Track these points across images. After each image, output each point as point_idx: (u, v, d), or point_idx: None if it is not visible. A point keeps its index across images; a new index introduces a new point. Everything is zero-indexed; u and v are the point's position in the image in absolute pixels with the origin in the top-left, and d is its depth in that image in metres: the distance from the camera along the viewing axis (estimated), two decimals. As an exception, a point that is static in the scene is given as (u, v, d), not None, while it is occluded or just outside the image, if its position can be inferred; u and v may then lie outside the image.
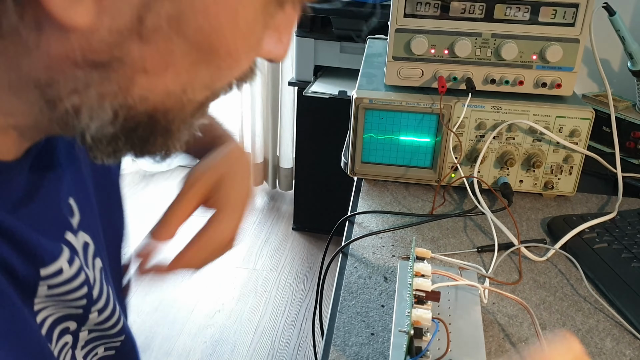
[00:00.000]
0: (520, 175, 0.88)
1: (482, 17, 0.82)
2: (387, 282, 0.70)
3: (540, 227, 0.83)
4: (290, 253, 2.32)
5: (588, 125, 0.83)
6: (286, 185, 2.67)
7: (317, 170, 2.27)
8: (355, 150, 0.88)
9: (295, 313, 2.02)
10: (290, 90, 2.42)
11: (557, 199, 0.90)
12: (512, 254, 0.75)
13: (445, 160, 0.87)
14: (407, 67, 0.86)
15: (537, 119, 0.84)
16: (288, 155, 2.59)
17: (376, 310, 0.65)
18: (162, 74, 0.32)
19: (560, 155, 0.86)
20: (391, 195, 0.89)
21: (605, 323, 0.65)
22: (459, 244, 0.78)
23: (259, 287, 2.13)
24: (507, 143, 0.86)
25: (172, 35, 0.30)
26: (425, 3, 0.82)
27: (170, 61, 0.31)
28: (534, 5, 0.81)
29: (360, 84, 0.90)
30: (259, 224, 2.50)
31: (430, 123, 0.86)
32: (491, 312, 0.65)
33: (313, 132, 2.21)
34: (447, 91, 0.84)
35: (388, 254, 0.75)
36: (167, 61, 0.31)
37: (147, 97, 0.33)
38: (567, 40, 0.82)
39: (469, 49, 0.83)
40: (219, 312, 1.99)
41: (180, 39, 0.31)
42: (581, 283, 0.71)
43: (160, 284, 0.55)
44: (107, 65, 0.30)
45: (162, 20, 0.29)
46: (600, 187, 0.93)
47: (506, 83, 0.85)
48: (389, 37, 0.85)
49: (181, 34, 0.30)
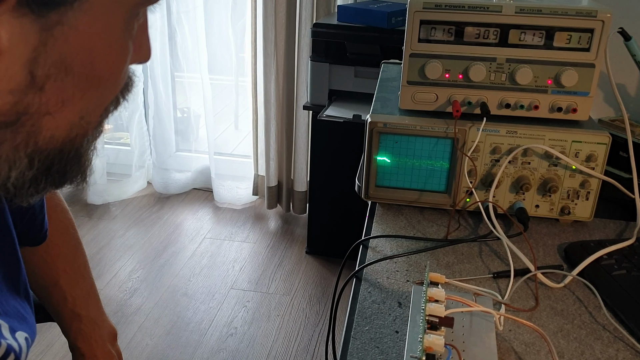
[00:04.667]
0: (536, 200, 0.87)
1: (496, 42, 0.82)
2: (402, 308, 0.69)
3: (557, 252, 0.81)
4: (304, 277, 2.31)
5: (605, 150, 0.83)
6: (300, 209, 2.67)
7: (331, 194, 2.27)
8: (369, 174, 0.88)
9: (308, 338, 2.00)
10: (305, 114, 2.43)
11: (574, 224, 0.89)
12: (529, 280, 0.74)
13: (460, 184, 0.87)
14: (421, 91, 0.87)
15: (553, 143, 0.83)
16: (302, 178, 2.59)
17: (390, 336, 0.64)
18: (61, 111, 0.35)
19: (576, 180, 0.85)
20: (405, 219, 0.89)
21: (625, 352, 0.63)
22: (474, 269, 0.77)
23: (272, 311, 2.11)
24: (522, 167, 0.85)
25: (62, 76, 0.34)
26: (439, 28, 0.83)
27: (66, 97, 0.35)
28: (548, 31, 0.81)
29: (374, 108, 0.91)
30: (273, 247, 2.50)
31: (445, 147, 0.86)
32: (507, 339, 0.64)
33: (327, 156, 2.22)
34: (461, 115, 0.84)
35: (402, 279, 0.75)
36: (63, 98, 0.35)
37: (54, 135, 0.36)
38: (583, 65, 0.82)
39: (483, 74, 0.84)
40: (231, 336, 1.98)
41: (69, 77, 0.34)
42: (600, 311, 0.69)
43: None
44: (16, 121, 0.34)
45: (50, 67, 0.33)
46: (618, 212, 0.92)
47: (521, 107, 0.85)
48: (404, 61, 0.86)
49: (69, 72, 0.34)
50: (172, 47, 2.70)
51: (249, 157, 2.79)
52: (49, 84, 0.34)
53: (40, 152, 0.36)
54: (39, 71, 0.33)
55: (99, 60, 0.35)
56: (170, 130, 2.83)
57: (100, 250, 2.41)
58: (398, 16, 1.94)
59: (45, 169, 0.38)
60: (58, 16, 0.32)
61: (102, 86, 0.37)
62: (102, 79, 0.37)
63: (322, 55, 2.05)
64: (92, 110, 0.38)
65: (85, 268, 0.83)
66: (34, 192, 0.39)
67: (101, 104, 0.39)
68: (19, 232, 0.66)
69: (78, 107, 0.36)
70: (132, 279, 2.24)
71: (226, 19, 2.83)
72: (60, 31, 0.32)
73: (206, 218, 2.70)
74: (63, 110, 0.35)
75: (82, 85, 0.35)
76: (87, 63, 0.35)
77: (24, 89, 0.33)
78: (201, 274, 2.29)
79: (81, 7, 0.32)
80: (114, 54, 0.37)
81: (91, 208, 2.72)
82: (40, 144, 0.36)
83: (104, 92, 0.38)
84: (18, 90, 0.33)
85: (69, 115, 0.36)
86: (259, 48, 2.44)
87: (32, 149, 0.36)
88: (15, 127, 0.34)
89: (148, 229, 2.58)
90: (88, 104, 0.37)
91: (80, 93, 0.36)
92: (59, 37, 0.32)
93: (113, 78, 0.38)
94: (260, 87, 2.52)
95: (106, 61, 0.36)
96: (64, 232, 0.82)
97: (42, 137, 0.36)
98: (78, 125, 0.37)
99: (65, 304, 0.80)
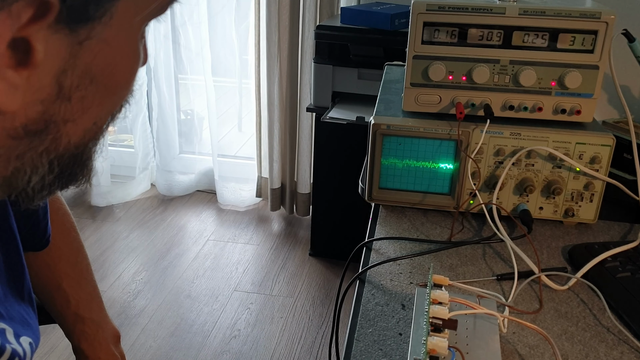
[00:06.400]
0: (540, 202, 0.87)
1: (500, 44, 0.82)
2: (405, 310, 0.69)
3: (561, 255, 0.81)
4: (307, 279, 2.31)
5: (609, 152, 0.82)
6: (303, 211, 2.67)
7: (335, 196, 2.27)
8: (372, 176, 0.88)
9: (311, 340, 2.00)
10: (308, 116, 2.43)
11: (578, 226, 0.88)
12: (533, 282, 0.74)
13: (463, 186, 0.87)
14: (424, 93, 0.86)
15: (557, 145, 0.83)
16: (306, 180, 2.59)
17: (393, 338, 0.64)
18: (81, 118, 0.37)
19: (580, 182, 0.85)
20: (409, 221, 0.89)
21: (630, 355, 0.63)
22: (478, 271, 0.77)
23: (275, 313, 2.11)
24: (526, 169, 0.85)
25: (86, 86, 0.35)
26: (443, 30, 0.83)
27: (87, 105, 0.36)
28: (552, 32, 0.81)
29: (377, 110, 0.90)
30: (276, 249, 2.50)
31: (448, 149, 0.85)
32: (511, 342, 0.64)
33: (331, 158, 2.22)
34: (465, 117, 0.84)
35: (406, 281, 0.74)
36: (85, 106, 0.36)
37: (71, 140, 0.38)
38: (587, 67, 0.82)
39: (487, 76, 0.83)
40: (234, 338, 1.98)
41: (92, 86, 0.36)
42: (604, 313, 0.69)
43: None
44: (44, 129, 0.35)
45: (77, 78, 0.34)
46: (622, 214, 0.91)
47: (525, 109, 0.85)
48: (407, 63, 0.86)
49: (93, 81, 0.35)
50: (176, 50, 2.71)
51: (252, 159, 2.79)
52: (75, 94, 0.35)
53: (60, 157, 0.38)
54: (67, 82, 0.34)
55: (118, 69, 0.37)
56: (174, 132, 2.84)
57: (104, 252, 2.42)
58: (401, 18, 1.94)
59: (60, 172, 0.39)
60: (88, 31, 0.33)
61: (117, 93, 0.39)
62: (119, 86, 0.38)
63: (326, 57, 2.05)
64: (104, 116, 0.40)
65: (87, 270, 0.83)
66: (47, 194, 0.40)
67: (113, 110, 0.41)
68: (22, 237, 0.66)
69: (95, 114, 0.38)
70: (135, 280, 2.24)
71: (230, 21, 2.83)
72: (89, 44, 0.34)
73: (209, 220, 2.70)
74: (83, 117, 0.37)
75: (102, 93, 0.37)
76: (108, 73, 0.36)
77: (53, 98, 0.34)
78: (204, 276, 2.29)
79: (107, 21, 0.34)
80: (131, 62, 0.38)
81: (95, 210, 2.73)
82: (60, 149, 0.37)
83: (118, 98, 0.40)
84: (47, 100, 0.34)
85: (86, 121, 0.38)
86: (262, 50, 2.44)
87: (54, 155, 0.37)
88: (43, 134, 0.36)
89: (152, 231, 2.58)
90: (102, 111, 0.39)
91: (99, 100, 0.37)
92: (87, 50, 0.34)
93: (128, 85, 0.40)
94: (263, 89, 2.52)
95: (124, 70, 0.38)
96: (66, 235, 0.82)
97: (62, 142, 0.37)
98: (91, 130, 0.39)
99: (68, 307, 0.80)
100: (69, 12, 0.31)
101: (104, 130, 0.42)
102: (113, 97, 0.39)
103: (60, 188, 0.42)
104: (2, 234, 0.62)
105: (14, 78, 0.31)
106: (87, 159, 0.41)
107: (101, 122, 0.40)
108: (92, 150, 0.41)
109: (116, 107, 0.41)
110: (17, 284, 0.63)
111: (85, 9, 0.32)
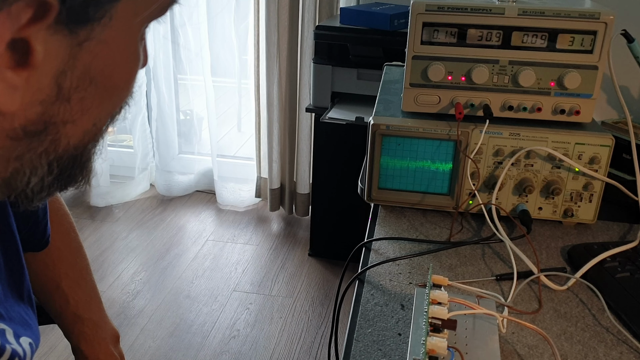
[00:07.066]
0: (539, 203, 0.87)
1: (499, 44, 0.82)
2: (404, 310, 0.69)
3: (560, 255, 0.81)
4: (307, 279, 2.31)
5: (608, 152, 0.83)
6: (303, 211, 2.67)
7: (334, 196, 2.27)
8: (372, 177, 0.88)
9: (310, 340, 2.00)
10: (308, 117, 2.43)
11: (577, 226, 0.88)
12: (532, 282, 0.74)
13: (462, 186, 0.87)
14: (424, 93, 0.87)
15: (556, 145, 0.83)
16: (305, 181, 2.59)
17: (393, 338, 0.64)
18: (81, 119, 0.37)
19: (580, 183, 0.85)
20: (408, 221, 0.89)
21: (629, 355, 0.63)
22: (477, 271, 0.77)
23: (275, 313, 2.11)
24: (525, 170, 0.85)
25: (86, 87, 0.35)
26: (442, 30, 0.83)
27: (86, 106, 0.36)
28: (551, 33, 0.81)
29: (377, 111, 0.91)
30: (275, 249, 2.50)
31: (448, 149, 0.86)
32: (510, 342, 0.64)
33: (330, 158, 2.22)
34: (464, 118, 0.84)
35: (405, 281, 0.75)
36: (85, 107, 0.36)
37: (70, 142, 0.38)
38: (586, 67, 0.82)
39: (486, 76, 0.84)
40: (234, 338, 1.98)
41: (92, 87, 0.36)
42: (603, 313, 0.69)
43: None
44: (43, 130, 0.35)
45: (76, 80, 0.34)
46: (622, 215, 0.92)
47: (524, 110, 0.85)
48: (406, 64, 0.86)
49: (92, 83, 0.35)
50: (175, 50, 2.71)
51: (251, 159, 2.79)
52: (74, 95, 0.35)
53: (59, 159, 0.38)
54: (66, 83, 0.34)
55: (117, 70, 0.37)
56: (173, 132, 2.83)
57: (103, 252, 2.42)
58: (400, 18, 1.94)
59: (59, 173, 0.39)
60: (87, 32, 0.33)
61: (116, 95, 0.39)
62: (118, 87, 0.38)
63: (325, 57, 2.05)
64: (104, 118, 0.40)
65: (87, 271, 0.83)
66: (46, 195, 0.40)
67: (112, 111, 0.41)
68: (22, 238, 0.66)
69: (94, 115, 0.38)
70: (134, 281, 2.24)
71: (229, 22, 2.83)
72: (88, 46, 0.34)
73: (209, 220, 2.70)
74: (82, 119, 0.37)
75: (101, 94, 0.37)
76: (107, 74, 0.36)
77: (52, 99, 0.34)
78: (204, 276, 2.29)
79: (107, 22, 0.34)
80: (130, 64, 0.38)
81: (94, 210, 2.72)
82: (59, 150, 0.37)
83: (117, 100, 0.40)
84: (47, 101, 0.34)
85: (85, 122, 0.38)
86: (261, 50, 2.44)
87: (53, 156, 0.37)
88: (42, 135, 0.36)
89: (151, 231, 2.58)
90: (102, 112, 0.39)
91: (98, 102, 0.37)
92: (86, 51, 0.34)
93: (127, 86, 0.40)
94: (263, 90, 2.52)
95: (124, 71, 0.38)
96: (65, 236, 0.82)
97: (62, 144, 0.37)
98: (91, 132, 0.39)
99: (67, 307, 0.80)
100: (68, 13, 0.31)
101: (103, 132, 0.42)
102: (112, 99, 0.39)
103: (60, 189, 0.42)
104: (2, 235, 0.62)
105: (13, 79, 0.31)
106: (86, 160, 0.41)
107: (101, 124, 0.40)
108: (91, 152, 0.41)
109: (116, 109, 0.41)
110: (17, 285, 0.63)
111: (85, 10, 0.32)
